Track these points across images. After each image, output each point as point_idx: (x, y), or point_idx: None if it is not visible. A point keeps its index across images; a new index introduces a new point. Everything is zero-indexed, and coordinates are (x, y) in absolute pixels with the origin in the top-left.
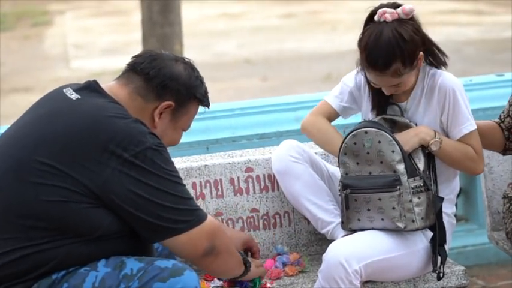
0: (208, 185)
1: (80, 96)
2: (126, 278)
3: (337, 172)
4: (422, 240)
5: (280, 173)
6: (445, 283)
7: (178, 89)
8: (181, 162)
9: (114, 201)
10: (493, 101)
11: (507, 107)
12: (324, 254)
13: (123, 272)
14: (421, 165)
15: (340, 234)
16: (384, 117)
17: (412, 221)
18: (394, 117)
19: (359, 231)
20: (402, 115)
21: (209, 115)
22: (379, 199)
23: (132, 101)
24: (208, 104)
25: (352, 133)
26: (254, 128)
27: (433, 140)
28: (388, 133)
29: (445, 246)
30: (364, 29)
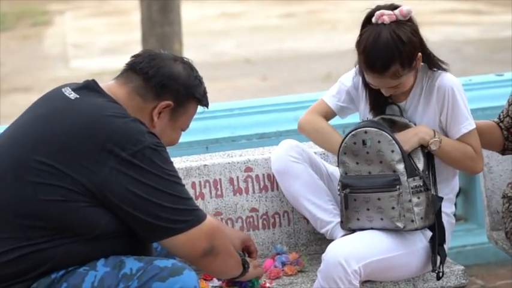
0: (207, 184)
1: (78, 96)
2: (125, 277)
3: (337, 172)
4: (421, 240)
5: (279, 173)
6: (444, 283)
7: (177, 88)
8: (181, 162)
9: (112, 200)
10: (492, 101)
11: (506, 106)
12: (323, 253)
13: (123, 271)
14: (421, 165)
15: (339, 234)
16: (383, 117)
17: (412, 221)
18: (393, 117)
19: (358, 231)
20: (401, 115)
21: (209, 115)
22: (379, 199)
23: (131, 101)
24: (207, 103)
25: (352, 133)
26: (253, 127)
27: (432, 139)
28: (388, 133)
29: (444, 246)
30: (362, 31)
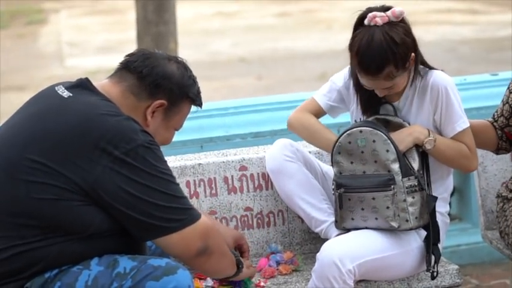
0: (202, 183)
1: (71, 94)
2: (119, 276)
3: (331, 171)
4: (416, 240)
5: (274, 172)
6: (438, 282)
7: (171, 88)
8: (175, 161)
9: (105, 199)
10: (487, 100)
11: (500, 106)
12: (317, 253)
13: (116, 270)
14: (416, 165)
15: (333, 233)
16: (377, 117)
17: (406, 221)
18: (387, 117)
19: (353, 231)
20: (396, 114)
21: (203, 114)
22: (373, 198)
23: (125, 99)
24: (201, 103)
25: (347, 132)
26: (248, 126)
27: (427, 138)
28: (383, 132)
29: (439, 245)
30: (354, 34)
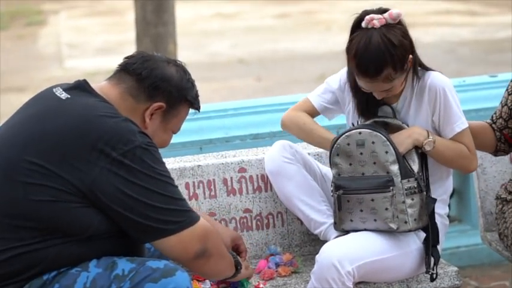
0: (201, 185)
1: (69, 96)
2: (117, 278)
3: (330, 173)
4: (415, 241)
5: (273, 174)
6: (438, 284)
7: (169, 90)
8: (175, 163)
9: (103, 200)
10: (486, 102)
11: (499, 108)
12: (317, 255)
13: (115, 272)
14: (415, 167)
15: (333, 235)
16: (376, 120)
17: (405, 222)
18: (386, 120)
19: (352, 232)
20: (395, 116)
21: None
22: (372, 200)
23: (124, 101)
24: (199, 107)
25: (346, 134)
26: (248, 128)
27: (426, 140)
28: (383, 134)
29: (438, 247)
30: (352, 36)
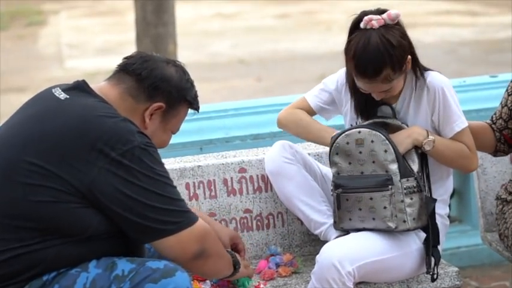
0: (201, 185)
1: (68, 96)
2: (117, 279)
3: (330, 173)
4: (415, 242)
5: (273, 174)
6: (438, 284)
7: (169, 90)
8: (175, 163)
9: (102, 201)
10: (487, 102)
11: (499, 108)
12: (317, 255)
13: (115, 273)
14: (415, 167)
15: (333, 235)
16: (375, 121)
17: (404, 221)
18: (385, 120)
19: (352, 233)
20: (394, 116)
21: (203, 116)
22: (371, 198)
23: (123, 102)
24: (198, 107)
25: (345, 133)
26: (248, 128)
27: (426, 139)
28: (382, 133)
29: (439, 248)
30: (350, 37)
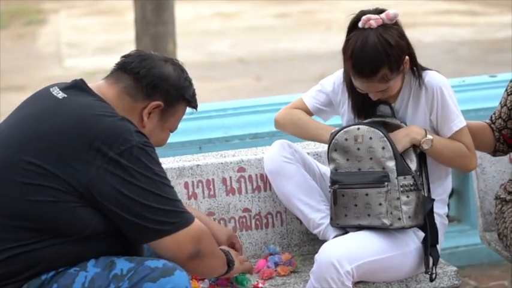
0: (200, 184)
1: (66, 95)
2: (116, 278)
3: (329, 172)
4: (414, 241)
5: (272, 173)
6: (437, 284)
7: (167, 89)
8: (174, 162)
9: (99, 200)
10: (486, 102)
11: (499, 108)
12: (316, 254)
13: (113, 272)
14: (413, 166)
15: (332, 234)
16: (374, 120)
17: (399, 219)
18: (384, 119)
19: (351, 232)
20: (393, 115)
21: (202, 115)
22: (366, 194)
23: (121, 100)
24: (196, 105)
25: (344, 129)
26: (247, 127)
27: (424, 139)
28: (381, 130)
29: (437, 247)
30: (348, 36)
